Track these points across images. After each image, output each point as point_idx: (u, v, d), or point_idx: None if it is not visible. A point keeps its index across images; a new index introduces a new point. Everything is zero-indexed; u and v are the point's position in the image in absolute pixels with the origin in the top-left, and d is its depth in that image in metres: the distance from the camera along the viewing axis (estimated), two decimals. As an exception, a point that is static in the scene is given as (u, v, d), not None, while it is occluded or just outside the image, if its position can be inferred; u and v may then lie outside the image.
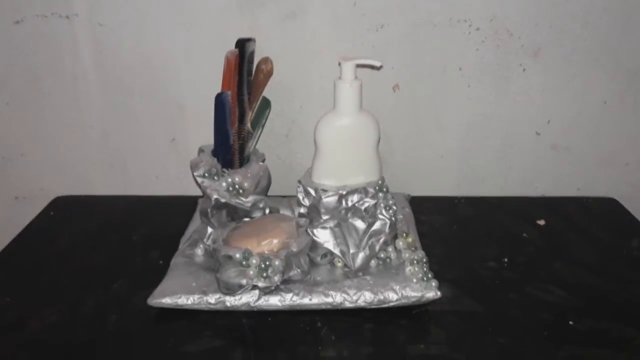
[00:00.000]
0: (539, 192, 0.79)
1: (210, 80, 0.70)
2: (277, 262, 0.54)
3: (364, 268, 0.59)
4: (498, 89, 0.73)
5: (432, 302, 0.56)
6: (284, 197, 0.71)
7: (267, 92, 0.68)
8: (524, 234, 0.69)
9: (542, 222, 0.71)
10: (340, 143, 0.60)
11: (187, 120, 0.76)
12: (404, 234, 0.62)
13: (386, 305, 0.55)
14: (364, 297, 0.55)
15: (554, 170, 0.78)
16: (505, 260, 0.64)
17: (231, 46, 0.62)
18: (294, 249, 0.56)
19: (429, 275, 0.57)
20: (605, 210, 0.75)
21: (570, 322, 0.54)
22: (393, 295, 0.55)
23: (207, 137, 0.66)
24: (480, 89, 0.73)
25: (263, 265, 0.54)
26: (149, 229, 0.71)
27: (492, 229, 0.70)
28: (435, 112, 0.75)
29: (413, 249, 0.61)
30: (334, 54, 0.69)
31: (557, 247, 0.67)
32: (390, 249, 0.61)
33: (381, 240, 0.60)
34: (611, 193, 0.78)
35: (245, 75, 0.63)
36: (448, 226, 0.71)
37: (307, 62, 0.72)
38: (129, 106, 0.75)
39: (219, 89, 0.61)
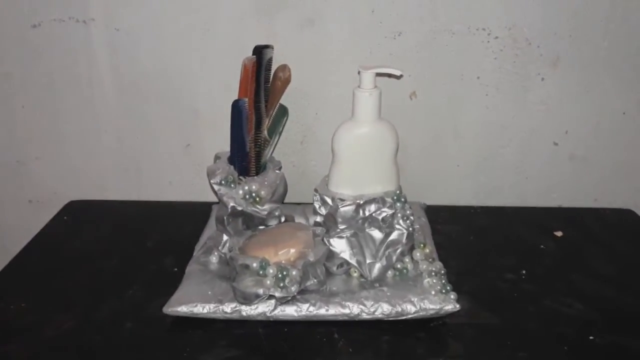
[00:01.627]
0: (556, 202, 0.78)
1: (226, 86, 0.70)
2: (294, 272, 0.54)
3: (381, 279, 0.59)
4: (516, 98, 0.73)
5: (450, 315, 0.55)
6: (298, 204, 0.71)
7: (282, 98, 0.67)
8: (542, 245, 0.68)
9: (559, 234, 0.70)
10: (358, 152, 0.59)
11: (202, 126, 0.76)
12: (421, 245, 0.62)
13: (404, 318, 0.55)
14: (382, 309, 0.55)
15: (571, 181, 0.77)
16: (523, 272, 0.63)
17: (248, 53, 0.62)
18: (311, 259, 0.56)
19: (448, 288, 0.56)
20: (623, 221, 0.74)
21: (591, 337, 0.54)
22: (411, 308, 0.55)
23: (222, 143, 0.66)
24: (498, 98, 0.73)
25: (280, 275, 0.54)
26: (162, 234, 0.70)
27: (508, 240, 0.70)
28: (452, 121, 0.74)
29: (430, 260, 0.60)
30: (351, 62, 0.69)
31: (575, 258, 0.66)
32: (407, 259, 0.60)
33: (398, 251, 0.60)
34: (628, 204, 0.77)
35: (262, 82, 0.62)
36: (464, 236, 0.70)
37: (323, 69, 0.72)
38: (144, 111, 0.75)
39: (235, 96, 0.61)
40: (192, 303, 0.55)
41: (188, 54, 0.72)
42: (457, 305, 0.55)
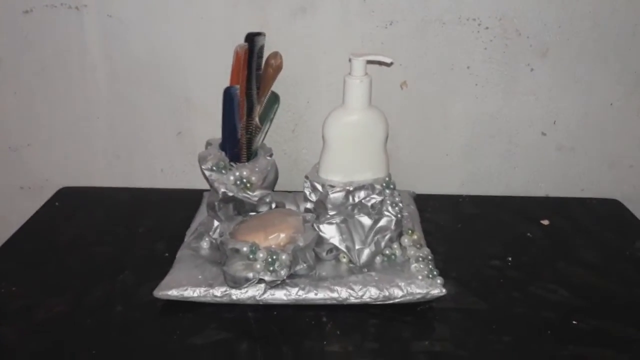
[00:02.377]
0: (543, 192, 0.79)
1: (218, 74, 0.70)
2: (284, 257, 0.55)
3: (369, 264, 0.60)
4: (505, 88, 0.73)
5: (437, 299, 0.56)
6: (289, 192, 0.71)
7: (274, 87, 0.68)
8: (528, 234, 0.69)
9: (546, 222, 0.71)
10: (349, 139, 0.60)
11: (194, 114, 0.76)
12: (410, 231, 0.62)
13: (391, 302, 0.56)
14: (370, 293, 0.55)
15: (558, 171, 0.78)
16: (509, 259, 0.64)
17: (240, 40, 0.62)
18: (301, 244, 0.56)
19: (434, 273, 0.57)
20: (609, 211, 0.75)
21: (574, 322, 0.55)
22: (398, 292, 0.55)
23: (214, 131, 0.67)
24: (488, 88, 0.73)
25: (270, 259, 0.54)
26: (154, 221, 0.71)
27: (496, 228, 0.71)
28: (441, 110, 0.75)
29: (418, 246, 0.61)
30: (342, 50, 0.70)
31: (561, 247, 0.67)
32: (395, 245, 0.61)
33: (387, 237, 0.60)
34: (615, 194, 0.78)
35: (254, 69, 0.63)
36: (452, 224, 0.71)
37: (315, 58, 0.72)
38: (136, 98, 0.75)
39: (227, 83, 0.61)
40: (182, 287, 0.56)
41: (180, 41, 0.72)
42: (444, 290, 0.56)
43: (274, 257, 0.55)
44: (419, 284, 0.56)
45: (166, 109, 0.76)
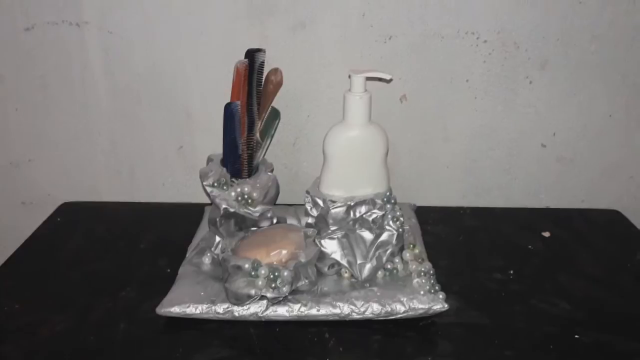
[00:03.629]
0: (544, 203, 0.79)
1: (218, 89, 0.70)
2: (285, 273, 0.55)
3: (371, 279, 0.60)
4: (504, 100, 0.74)
5: (439, 314, 0.56)
6: (290, 205, 0.72)
7: (274, 101, 0.68)
8: (529, 246, 0.69)
9: (547, 234, 0.71)
10: (349, 154, 0.60)
11: (195, 129, 0.76)
12: (411, 246, 0.63)
13: (393, 317, 0.56)
14: (372, 309, 0.56)
15: (558, 182, 0.78)
16: (511, 272, 0.64)
17: (241, 56, 0.63)
18: (303, 260, 0.56)
19: (436, 288, 0.57)
20: (609, 222, 0.75)
21: (577, 336, 0.55)
22: (400, 307, 0.55)
23: (215, 146, 0.67)
24: (487, 101, 0.74)
25: (272, 276, 0.55)
26: (156, 236, 0.71)
27: (497, 240, 0.71)
28: (441, 123, 0.75)
29: (420, 260, 0.61)
30: (342, 65, 0.70)
31: (562, 259, 0.67)
32: (397, 260, 0.61)
33: (388, 252, 0.60)
34: (615, 205, 0.78)
35: (254, 85, 0.63)
36: (454, 237, 0.71)
37: (315, 73, 0.72)
38: (137, 113, 0.76)
39: (227, 99, 0.61)
40: (184, 304, 0.56)
41: (181, 57, 0.72)
42: (446, 305, 0.56)
43: (276, 273, 0.55)
44: (421, 299, 0.56)
45: (167, 124, 0.76)
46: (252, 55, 0.63)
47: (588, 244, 0.70)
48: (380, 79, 0.59)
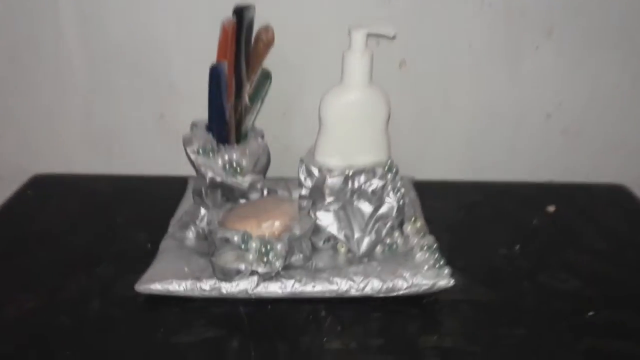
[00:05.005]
0: (547, 177, 0.76)
1: (204, 51, 0.64)
2: (279, 246, 0.50)
3: (369, 254, 0.56)
4: (509, 68, 0.70)
5: (443, 291, 0.53)
6: (281, 179, 0.67)
7: (264, 63, 0.63)
8: (533, 221, 0.66)
9: (552, 208, 0.68)
10: (348, 119, 0.55)
11: (178, 95, 0.71)
12: (412, 219, 0.59)
13: (395, 294, 0.52)
14: (372, 285, 0.52)
15: (562, 156, 0.75)
16: (517, 247, 0.61)
17: (228, 15, 0.58)
18: (297, 232, 0.52)
19: (441, 262, 0.53)
20: (614, 197, 0.73)
21: (590, 313, 0.51)
22: (403, 283, 0.52)
23: (200, 114, 0.62)
24: (490, 68, 0.70)
25: (264, 250, 0.50)
26: (135, 210, 0.66)
27: (499, 215, 0.68)
28: (442, 91, 0.71)
29: (422, 234, 0.57)
30: (338, 27, 0.65)
31: (568, 234, 0.64)
32: (396, 234, 0.57)
33: (388, 225, 0.56)
34: (620, 179, 0.75)
35: (243, 44, 0.58)
36: (454, 211, 0.68)
37: (309, 35, 0.68)
38: (115, 82, 0.71)
39: (213, 61, 0.56)
40: (166, 280, 0.51)
41: (162, 19, 0.67)
42: (452, 281, 0.52)
43: (268, 246, 0.50)
44: (425, 274, 0.52)
45: (147, 91, 0.71)
46: (240, 12, 0.58)
47: (593, 219, 0.67)
48: (382, 36, 0.54)
